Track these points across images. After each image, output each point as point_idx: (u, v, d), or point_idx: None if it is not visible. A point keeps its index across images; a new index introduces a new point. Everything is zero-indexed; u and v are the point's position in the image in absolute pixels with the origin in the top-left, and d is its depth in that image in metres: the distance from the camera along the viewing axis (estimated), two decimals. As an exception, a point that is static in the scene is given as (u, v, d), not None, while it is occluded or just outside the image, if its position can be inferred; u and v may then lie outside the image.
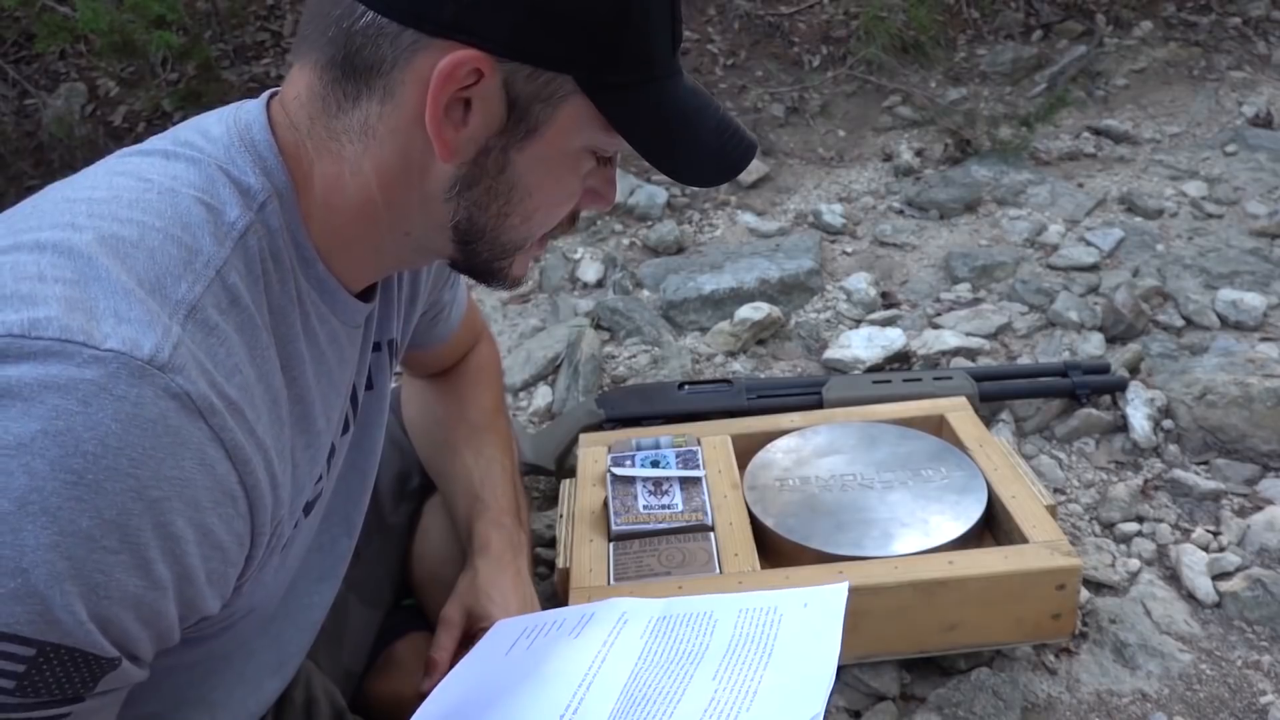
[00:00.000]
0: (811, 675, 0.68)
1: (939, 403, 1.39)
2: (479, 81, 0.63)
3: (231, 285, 0.60)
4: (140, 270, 0.56)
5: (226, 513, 0.57)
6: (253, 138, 0.66)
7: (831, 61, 2.98)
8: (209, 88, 2.77)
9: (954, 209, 2.26)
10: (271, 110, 0.68)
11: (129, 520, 0.52)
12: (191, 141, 0.66)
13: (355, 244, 0.69)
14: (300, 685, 0.88)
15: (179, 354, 0.54)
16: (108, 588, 0.52)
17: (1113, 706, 1.08)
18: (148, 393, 0.52)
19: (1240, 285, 1.81)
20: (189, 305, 0.57)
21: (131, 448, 0.51)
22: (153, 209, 0.59)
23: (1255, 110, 2.63)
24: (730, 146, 0.73)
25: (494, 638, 0.82)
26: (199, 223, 0.60)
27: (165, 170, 0.63)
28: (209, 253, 0.60)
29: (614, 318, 1.87)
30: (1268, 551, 1.25)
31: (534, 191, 0.69)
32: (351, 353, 0.76)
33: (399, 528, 1.10)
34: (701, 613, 0.80)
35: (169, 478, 0.53)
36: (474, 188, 0.68)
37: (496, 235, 0.71)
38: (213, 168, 0.64)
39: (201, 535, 0.56)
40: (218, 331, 0.58)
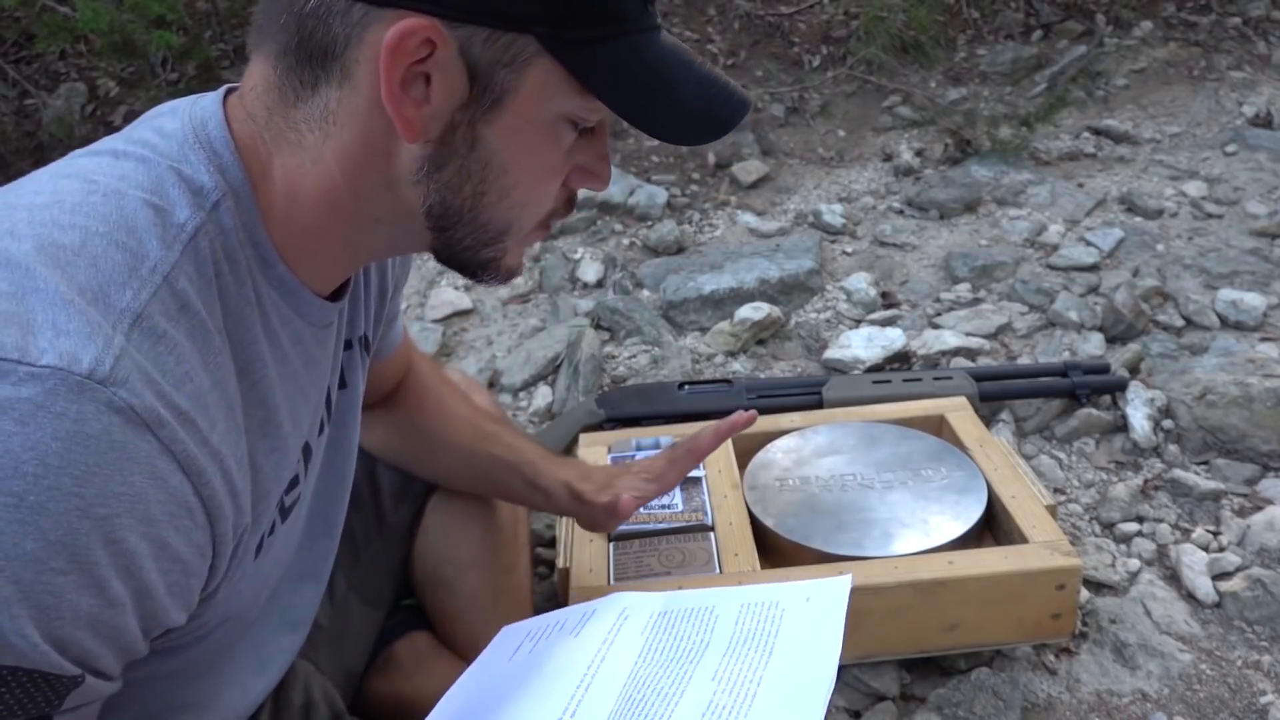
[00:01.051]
0: (811, 678, 0.67)
1: (939, 403, 1.39)
2: (434, 52, 0.59)
3: (180, 290, 0.57)
4: (82, 279, 0.54)
5: (183, 525, 0.56)
6: (208, 134, 0.63)
7: (831, 61, 2.98)
8: (209, 88, 2.75)
9: (954, 209, 2.26)
10: (229, 104, 0.66)
11: (76, 540, 0.50)
12: (144, 139, 0.63)
13: (322, 238, 0.66)
14: (299, 688, 0.88)
15: (121, 365, 0.52)
16: (59, 609, 0.50)
17: (1113, 706, 1.08)
18: (89, 408, 0.50)
19: (1240, 285, 1.82)
20: (134, 314, 0.54)
21: (74, 466, 0.50)
22: (96, 213, 0.57)
23: (1255, 110, 2.63)
24: (718, 103, 0.68)
25: (498, 645, 0.82)
26: (145, 226, 0.58)
27: (112, 171, 0.60)
28: (155, 257, 0.57)
29: (614, 318, 1.87)
30: (1268, 551, 1.25)
31: (510, 168, 0.65)
32: (321, 353, 0.73)
33: (400, 528, 1.10)
34: (703, 607, 0.79)
35: (117, 494, 0.51)
36: (444, 168, 0.64)
37: (475, 218, 0.66)
38: (163, 167, 0.61)
39: (157, 549, 0.54)
40: (166, 339, 0.56)
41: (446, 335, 1.92)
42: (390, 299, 0.91)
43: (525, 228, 0.70)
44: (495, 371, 1.78)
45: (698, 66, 0.67)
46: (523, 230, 0.70)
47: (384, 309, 0.90)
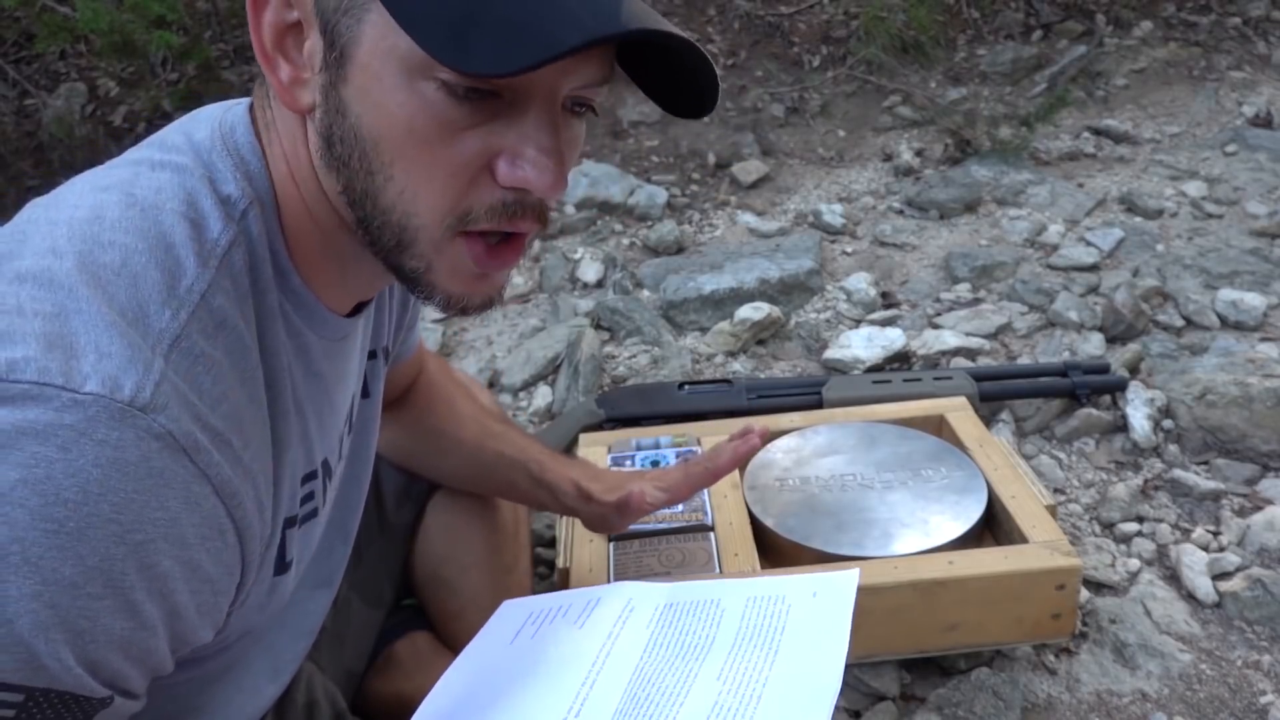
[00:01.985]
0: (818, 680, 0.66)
1: (939, 403, 1.39)
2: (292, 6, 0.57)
3: (218, 308, 0.58)
4: (123, 299, 0.54)
5: (214, 546, 0.56)
6: (235, 140, 0.63)
7: (831, 61, 2.98)
8: (209, 88, 2.77)
9: (954, 209, 2.26)
10: (254, 111, 0.65)
11: (113, 566, 0.51)
12: (177, 146, 0.63)
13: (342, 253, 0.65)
14: (301, 687, 0.88)
15: (161, 391, 0.52)
16: (94, 633, 0.51)
17: (1113, 706, 1.08)
18: (129, 435, 0.51)
19: (1240, 285, 1.82)
20: (173, 335, 0.55)
21: (114, 493, 0.50)
22: (136, 229, 0.57)
23: (1255, 110, 2.63)
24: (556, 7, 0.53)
25: (498, 622, 0.81)
26: (183, 242, 0.58)
27: (150, 183, 0.60)
28: (193, 275, 0.57)
29: (614, 318, 1.87)
30: (1268, 551, 1.25)
31: (380, 140, 0.57)
32: (328, 366, 0.71)
33: (401, 528, 1.10)
34: (708, 600, 0.78)
35: (153, 519, 0.52)
36: (334, 145, 0.59)
37: (377, 201, 0.59)
38: (196, 177, 0.61)
39: (190, 571, 0.55)
40: (203, 359, 0.56)
41: (446, 335, 1.92)
42: (412, 305, 0.91)
43: (431, 227, 0.60)
44: (495, 371, 1.78)
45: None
46: (430, 231, 0.60)
47: (406, 316, 0.90)
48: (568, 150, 0.61)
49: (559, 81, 0.58)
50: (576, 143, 0.63)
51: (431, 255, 0.61)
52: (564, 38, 0.52)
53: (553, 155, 0.59)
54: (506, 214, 0.60)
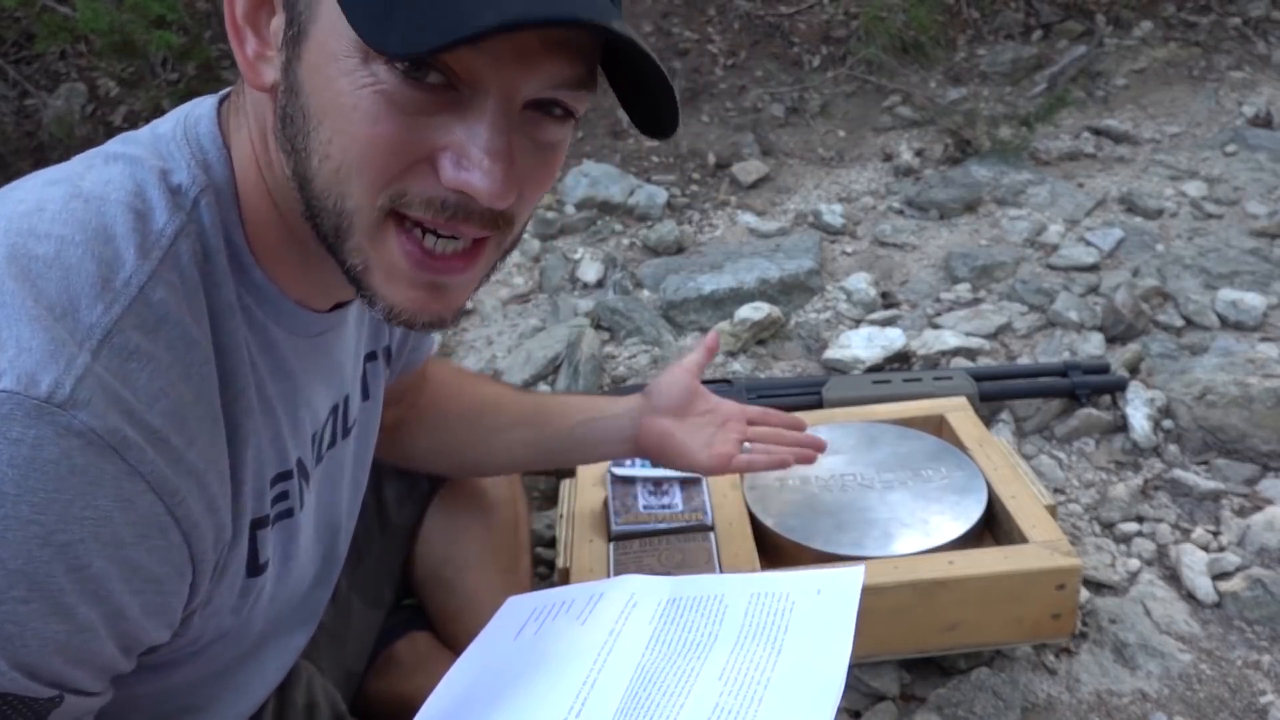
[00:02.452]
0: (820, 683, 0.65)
1: (939, 403, 1.39)
2: None
3: (158, 302, 0.55)
4: (52, 293, 0.52)
5: (157, 545, 0.54)
6: (197, 130, 0.61)
7: (831, 61, 2.98)
8: (209, 88, 2.76)
9: (954, 209, 2.26)
10: (225, 104, 0.64)
11: (37, 568, 0.49)
12: (138, 139, 0.62)
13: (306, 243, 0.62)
14: (301, 688, 0.88)
15: (83, 386, 0.50)
16: (24, 637, 0.50)
17: (1113, 706, 1.08)
18: (46, 432, 0.49)
19: (1240, 285, 1.81)
20: (104, 330, 0.52)
21: (32, 493, 0.48)
22: (75, 220, 0.55)
23: (1255, 110, 2.63)
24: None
25: (503, 618, 0.81)
26: (124, 233, 0.56)
27: (99, 175, 0.58)
28: (131, 267, 0.55)
29: (614, 318, 1.87)
30: (1268, 551, 1.25)
31: (322, 116, 0.55)
32: (300, 363, 0.68)
33: (402, 529, 1.09)
34: (712, 595, 0.77)
35: (79, 518, 0.50)
36: (286, 124, 0.57)
37: (315, 183, 0.57)
38: (147, 167, 0.59)
39: (129, 571, 0.53)
40: (139, 354, 0.53)
41: (446, 335, 1.92)
42: None
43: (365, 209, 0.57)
44: (495, 371, 1.78)
45: None
46: (364, 215, 0.57)
47: None
48: (527, 155, 0.58)
49: (518, 80, 0.55)
50: (549, 148, 0.59)
51: (367, 248, 0.58)
52: (478, 19, 0.49)
53: (500, 159, 0.55)
54: (445, 213, 0.57)
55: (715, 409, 1.05)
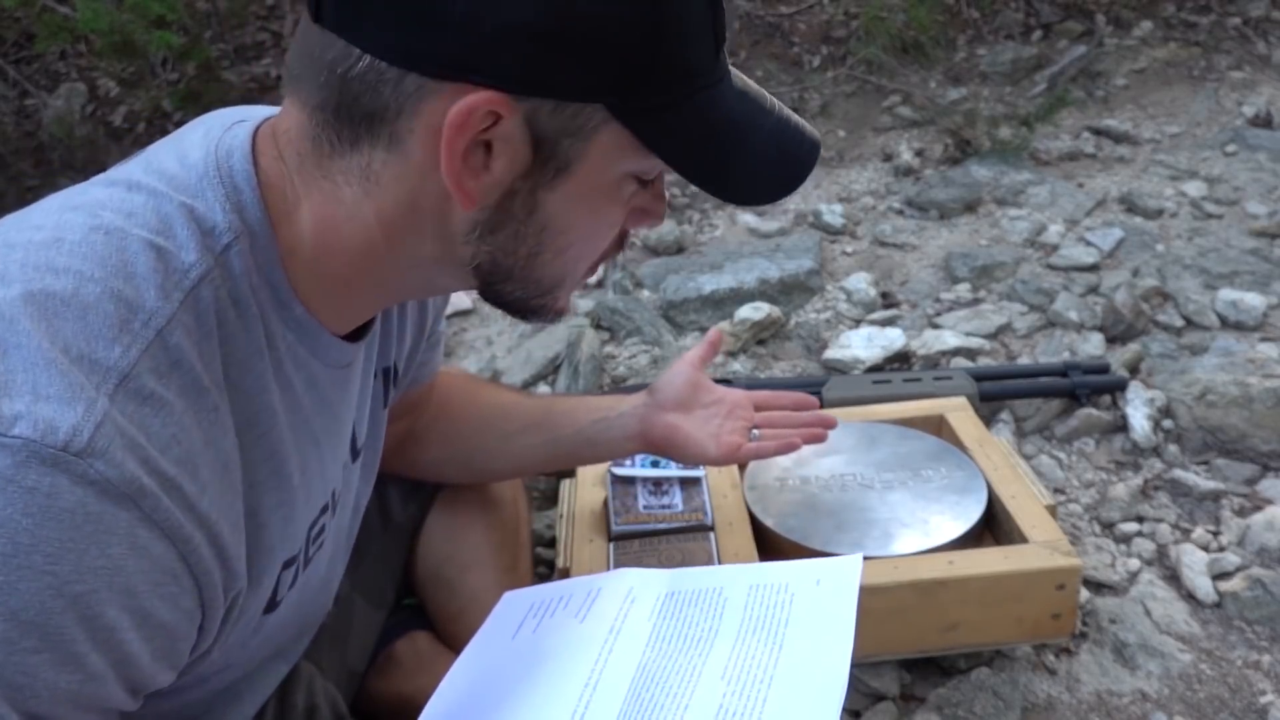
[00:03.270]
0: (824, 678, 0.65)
1: (939, 403, 1.39)
2: (497, 123, 0.56)
3: (174, 345, 0.54)
4: (68, 334, 0.51)
5: (169, 592, 0.54)
6: (231, 167, 0.60)
7: (831, 61, 2.98)
8: (209, 88, 2.77)
9: (954, 209, 2.26)
10: (259, 138, 0.63)
11: (49, 619, 0.48)
12: (163, 168, 0.60)
13: (353, 284, 0.64)
14: (302, 689, 0.88)
15: (101, 434, 0.49)
16: (34, 688, 0.49)
17: (1113, 706, 1.08)
18: (62, 481, 0.48)
19: (1240, 285, 1.82)
20: (121, 373, 0.52)
21: (46, 542, 0.48)
22: (95, 255, 0.54)
23: (1255, 110, 2.63)
24: (791, 150, 0.64)
25: (501, 615, 0.80)
26: (145, 272, 0.55)
27: (122, 205, 0.57)
28: (151, 309, 0.54)
29: (614, 318, 1.87)
30: (1268, 551, 1.25)
31: (568, 230, 0.63)
32: (337, 395, 0.70)
33: (404, 528, 1.09)
34: (710, 589, 0.77)
35: (93, 568, 0.49)
36: (498, 232, 0.62)
37: (528, 274, 0.64)
38: (175, 203, 0.58)
39: (140, 620, 0.53)
40: (153, 400, 0.53)
41: (446, 335, 1.92)
42: (432, 324, 0.90)
43: (579, 276, 0.68)
44: (495, 371, 1.78)
45: (769, 111, 0.64)
46: (576, 279, 0.68)
47: (422, 337, 0.88)
48: None
49: None
50: None
51: (561, 293, 0.68)
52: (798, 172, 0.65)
53: (665, 202, 0.70)
54: (618, 248, 0.70)
55: (721, 399, 1.05)
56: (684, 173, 0.62)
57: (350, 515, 0.83)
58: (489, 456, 1.04)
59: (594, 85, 0.57)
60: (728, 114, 0.62)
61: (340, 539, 0.82)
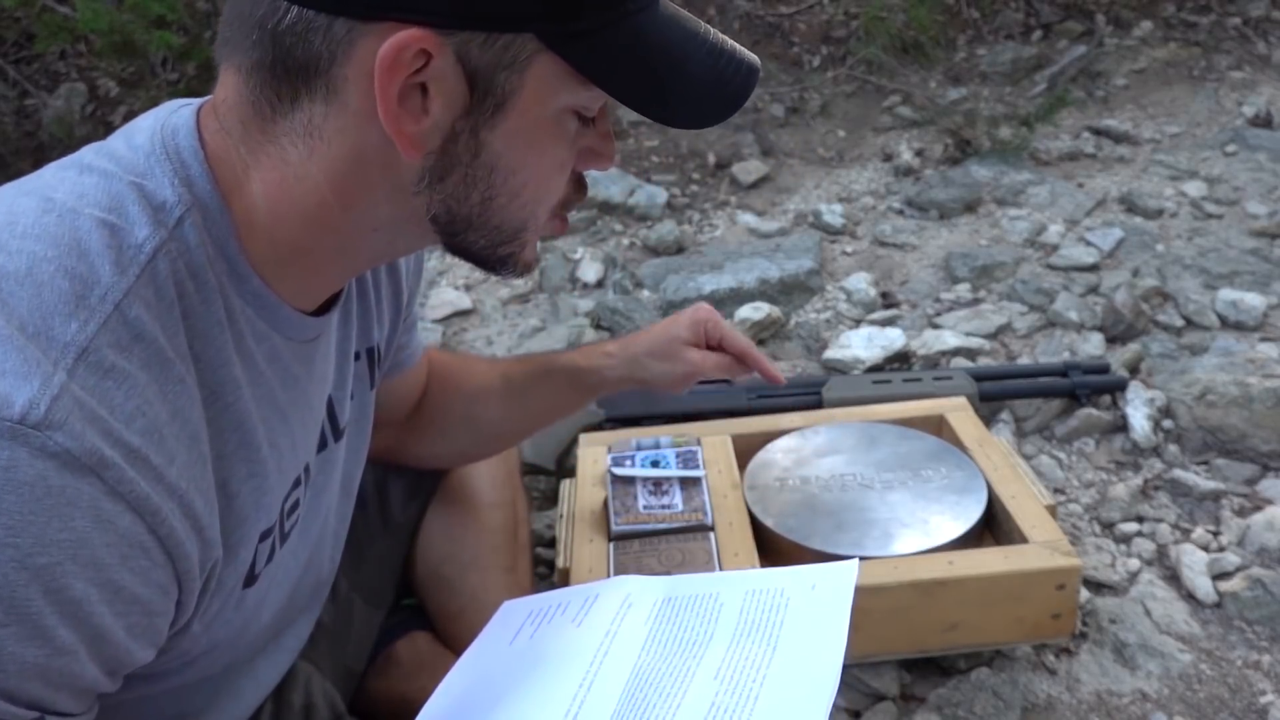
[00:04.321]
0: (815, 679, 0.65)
1: (939, 403, 1.39)
2: (429, 63, 0.56)
3: (134, 318, 0.54)
4: (24, 311, 0.51)
5: (140, 565, 0.54)
6: (177, 144, 0.60)
7: (831, 61, 2.98)
8: (209, 88, 2.75)
9: (954, 209, 2.26)
10: (202, 115, 0.63)
11: (14, 592, 0.48)
12: (113, 151, 0.61)
13: (312, 252, 0.63)
14: (299, 689, 0.88)
15: (59, 407, 0.49)
16: (0, 661, 0.49)
17: (1113, 706, 1.08)
18: (21, 454, 0.48)
19: (1240, 285, 1.82)
20: (79, 347, 0.52)
21: (6, 515, 0.48)
22: (48, 235, 0.54)
23: (1255, 110, 2.62)
24: (729, 74, 0.63)
25: (499, 623, 0.81)
26: (99, 249, 0.55)
27: (73, 188, 0.57)
28: (107, 284, 0.54)
29: (614, 318, 1.87)
30: (1268, 551, 1.25)
31: (518, 169, 0.62)
32: (303, 369, 0.69)
33: (405, 527, 1.09)
34: (707, 594, 0.77)
35: (56, 541, 0.49)
36: (447, 178, 0.61)
37: (486, 221, 0.64)
38: (124, 182, 0.58)
39: (111, 594, 0.52)
40: (115, 372, 0.53)
41: (446, 335, 1.92)
42: (407, 305, 0.89)
43: (540, 221, 0.68)
44: (495, 371, 1.78)
45: (703, 36, 0.63)
46: (538, 224, 0.67)
47: (400, 315, 0.88)
48: None
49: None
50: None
51: (525, 239, 0.67)
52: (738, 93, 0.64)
53: (613, 141, 0.69)
54: (579, 194, 0.70)
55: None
56: (622, 98, 0.61)
57: (340, 496, 0.83)
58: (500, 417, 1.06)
59: (521, 13, 0.57)
60: (661, 38, 0.61)
61: (329, 521, 0.82)
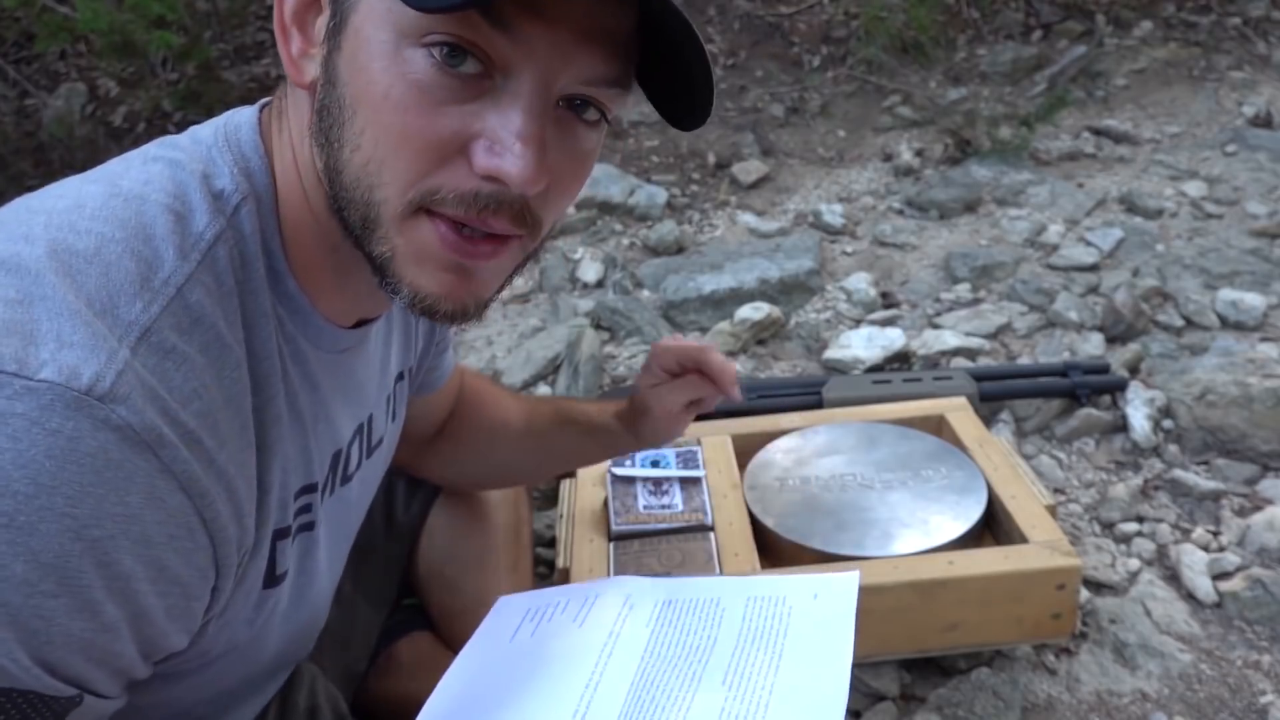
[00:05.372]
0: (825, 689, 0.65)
1: (939, 403, 1.39)
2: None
3: (194, 304, 0.55)
4: (91, 288, 0.52)
5: (184, 546, 0.54)
6: (239, 136, 0.62)
7: (831, 61, 2.99)
8: (209, 88, 2.77)
9: (954, 209, 2.26)
10: (266, 112, 0.64)
11: (68, 562, 0.48)
12: (177, 143, 0.62)
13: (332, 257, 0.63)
14: (304, 690, 0.88)
15: (123, 381, 0.50)
16: (49, 633, 0.49)
17: (1113, 706, 1.08)
18: (85, 425, 0.48)
19: (1240, 285, 1.82)
20: (142, 327, 0.52)
21: (67, 485, 0.48)
22: (115, 219, 0.55)
23: (1255, 110, 2.63)
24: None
25: (496, 619, 0.80)
26: (164, 234, 0.56)
27: (139, 175, 0.59)
28: (170, 267, 0.55)
29: (614, 318, 1.87)
30: (1268, 551, 1.25)
31: (356, 106, 0.55)
32: (329, 380, 0.69)
33: (407, 527, 1.09)
34: (708, 599, 0.77)
35: (112, 514, 0.49)
36: (323, 117, 0.58)
37: (344, 174, 0.57)
38: (188, 171, 0.59)
39: (156, 572, 0.52)
40: (175, 354, 0.53)
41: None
42: (441, 333, 0.90)
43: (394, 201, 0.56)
44: (495, 371, 1.78)
45: None
46: (392, 206, 0.56)
47: (434, 337, 0.88)
48: (558, 152, 0.57)
49: (554, 70, 0.54)
50: (582, 153, 0.59)
51: (394, 236, 0.57)
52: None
53: (533, 144, 0.54)
54: (477, 205, 0.55)
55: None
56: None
57: (355, 514, 0.83)
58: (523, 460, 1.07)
59: None
60: None
61: (342, 540, 0.82)
